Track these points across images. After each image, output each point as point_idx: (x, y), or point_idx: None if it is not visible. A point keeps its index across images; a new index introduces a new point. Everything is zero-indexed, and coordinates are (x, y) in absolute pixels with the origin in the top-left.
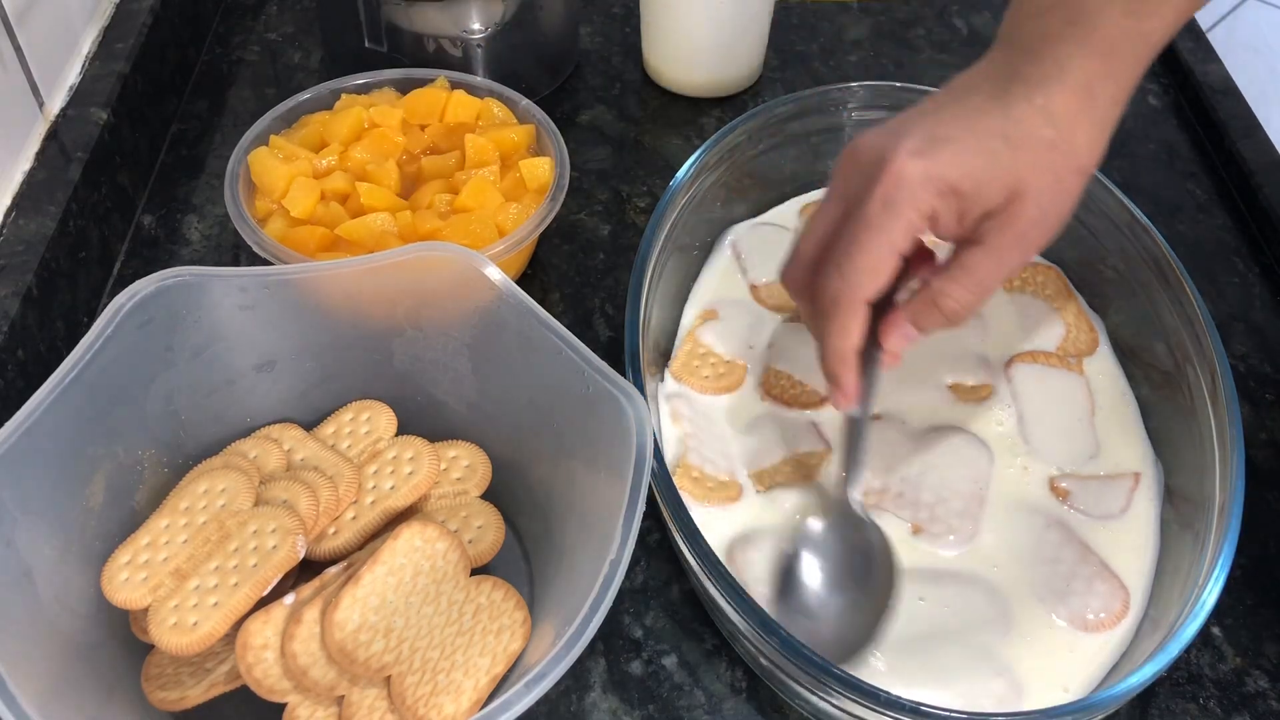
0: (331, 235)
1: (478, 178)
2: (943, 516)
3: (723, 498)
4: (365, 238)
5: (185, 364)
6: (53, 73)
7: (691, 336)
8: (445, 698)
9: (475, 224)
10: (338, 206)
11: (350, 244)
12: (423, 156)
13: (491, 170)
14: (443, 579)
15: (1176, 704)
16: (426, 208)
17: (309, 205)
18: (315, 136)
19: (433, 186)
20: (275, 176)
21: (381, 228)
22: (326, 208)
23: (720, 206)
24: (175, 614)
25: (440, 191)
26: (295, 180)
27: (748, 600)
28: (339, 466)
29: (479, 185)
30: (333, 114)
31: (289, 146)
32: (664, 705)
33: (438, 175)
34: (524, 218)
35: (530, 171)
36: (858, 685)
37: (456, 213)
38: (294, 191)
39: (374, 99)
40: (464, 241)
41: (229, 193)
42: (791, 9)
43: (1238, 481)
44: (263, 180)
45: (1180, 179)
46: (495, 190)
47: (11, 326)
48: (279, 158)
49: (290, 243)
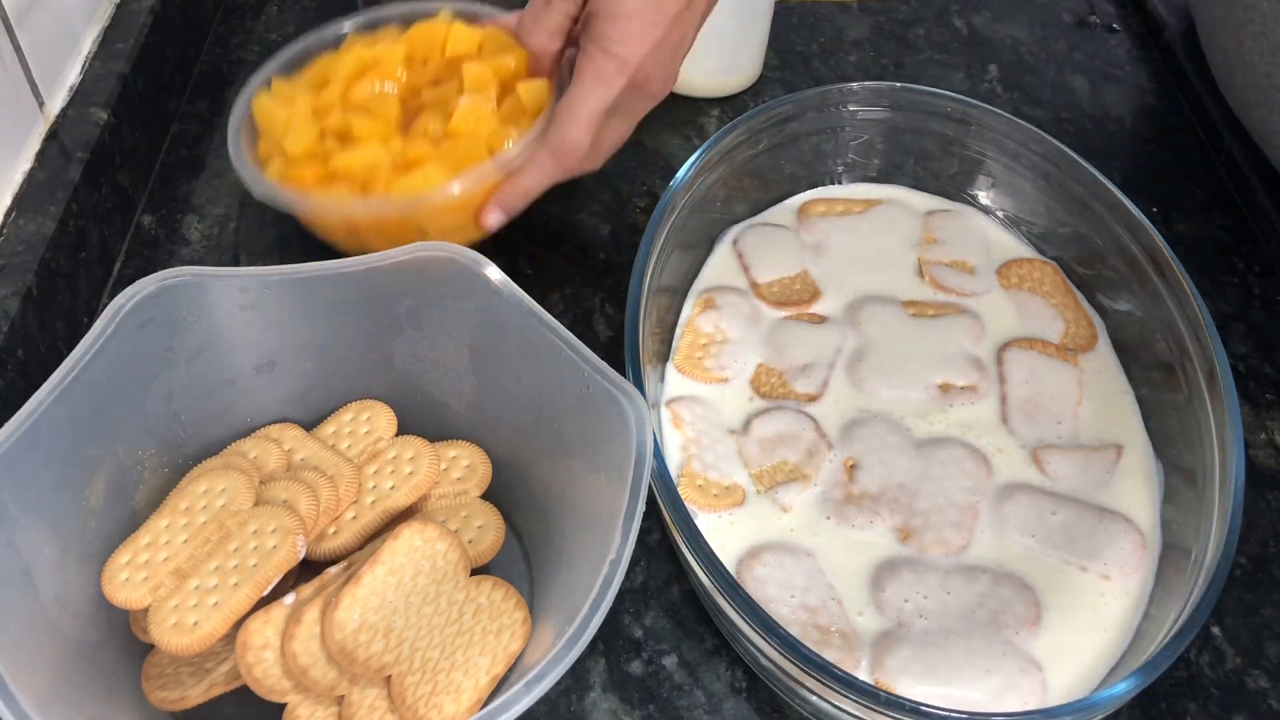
0: (327, 170)
1: (471, 102)
2: (936, 525)
3: (728, 503)
4: (357, 168)
5: (185, 364)
6: (53, 73)
7: (692, 328)
8: (445, 698)
9: (463, 148)
10: (335, 144)
11: (345, 177)
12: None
13: (486, 95)
14: (443, 579)
15: (1176, 704)
16: (421, 135)
17: (307, 143)
18: (318, 77)
19: (429, 115)
20: (275, 118)
21: (372, 158)
22: (324, 145)
23: (720, 206)
24: (175, 614)
25: (436, 120)
26: (294, 119)
27: (749, 602)
28: (339, 466)
29: (471, 110)
30: (335, 53)
31: (289, 88)
32: (664, 705)
33: (436, 105)
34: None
35: (529, 94)
36: (858, 685)
37: (449, 138)
38: (292, 130)
39: (378, 37)
40: (452, 164)
41: (231, 137)
42: (791, 9)
43: (1238, 481)
44: (264, 123)
45: (1180, 179)
46: (490, 116)
47: (11, 326)
48: (279, 99)
49: (288, 181)
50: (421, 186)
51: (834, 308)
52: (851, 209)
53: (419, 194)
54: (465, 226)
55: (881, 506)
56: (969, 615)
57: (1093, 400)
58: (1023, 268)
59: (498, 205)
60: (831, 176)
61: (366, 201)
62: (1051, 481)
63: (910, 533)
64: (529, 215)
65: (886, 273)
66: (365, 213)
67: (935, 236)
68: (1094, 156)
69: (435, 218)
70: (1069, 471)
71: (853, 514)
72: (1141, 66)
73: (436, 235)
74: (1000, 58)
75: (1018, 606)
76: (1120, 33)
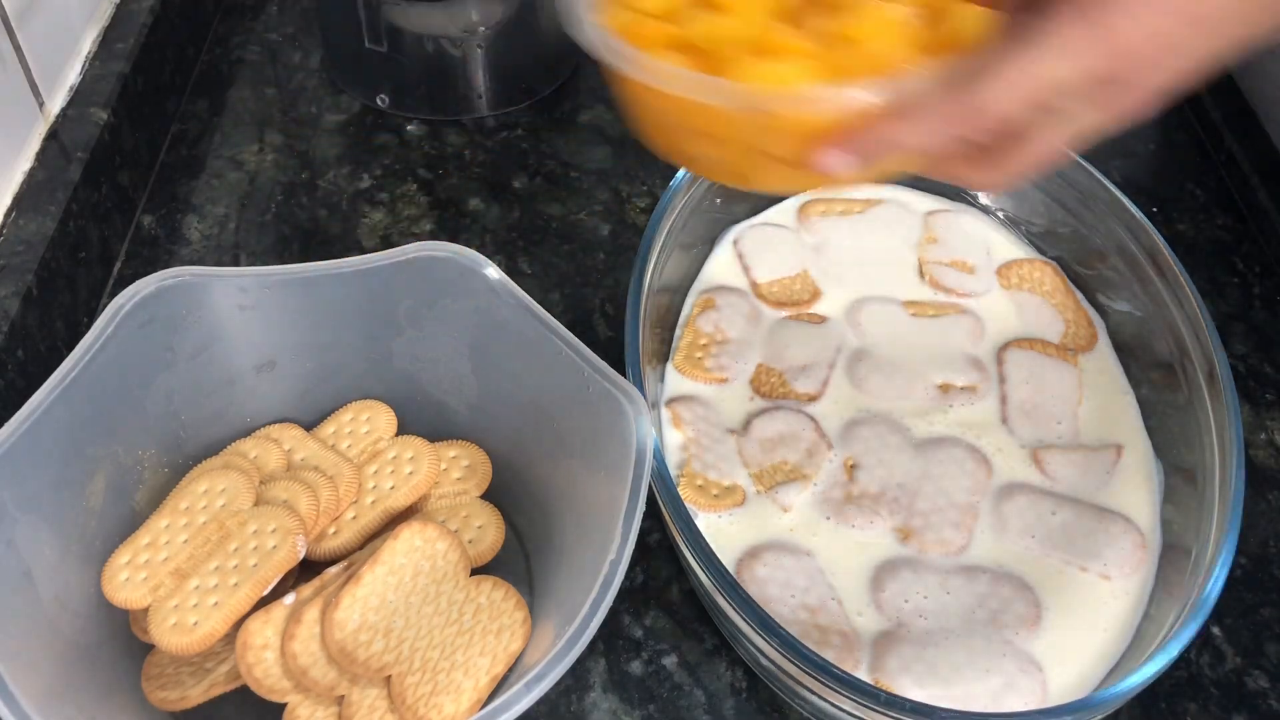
0: (680, 35)
1: (885, 8)
2: (936, 525)
3: (728, 503)
4: (717, 38)
5: (185, 364)
6: (53, 73)
7: (692, 328)
8: (445, 697)
9: (852, 58)
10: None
11: (703, 53)
12: None
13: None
14: (443, 579)
15: (1176, 704)
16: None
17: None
18: None
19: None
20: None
21: (741, 32)
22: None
23: (720, 206)
24: (175, 614)
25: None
26: None
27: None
28: (339, 466)
29: (881, 17)
30: None
31: None
32: (664, 705)
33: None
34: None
35: (966, 22)
36: (858, 685)
37: (839, 43)
38: None
39: None
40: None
41: None
42: None
43: (1238, 481)
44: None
45: (1180, 179)
46: (904, 33)
47: (11, 326)
48: None
49: (631, 37)
50: (775, 82)
51: (834, 308)
52: (851, 209)
53: (769, 91)
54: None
55: (881, 506)
56: (969, 615)
57: (1092, 400)
58: (1023, 268)
59: (850, 145)
60: None
61: (703, 80)
62: (1051, 481)
63: (910, 533)
64: (529, 215)
65: (886, 273)
66: (697, 93)
67: (935, 236)
68: (1093, 156)
69: (776, 133)
70: (1069, 471)
71: (853, 514)
72: None
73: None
74: None
75: (1018, 606)
76: None
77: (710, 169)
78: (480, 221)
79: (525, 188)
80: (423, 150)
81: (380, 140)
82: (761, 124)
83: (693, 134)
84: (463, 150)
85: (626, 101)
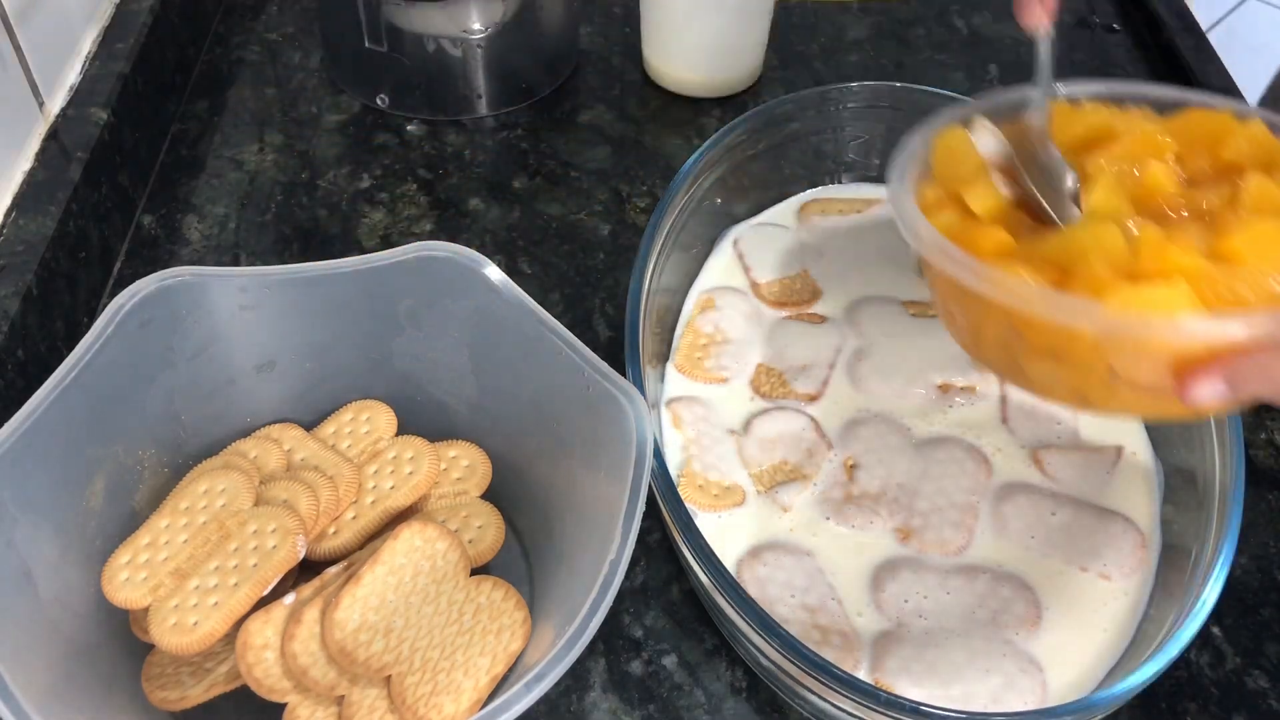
0: (1011, 244)
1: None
2: (936, 525)
3: (728, 503)
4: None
5: (185, 364)
6: (53, 73)
7: (692, 328)
8: (445, 698)
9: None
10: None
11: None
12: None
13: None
14: (443, 579)
15: (1176, 704)
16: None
17: (995, 201)
18: (1017, 133)
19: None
20: (965, 162)
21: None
22: (1015, 212)
23: (720, 206)
24: (175, 614)
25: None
26: (985, 169)
27: (749, 601)
28: (339, 466)
29: (1265, 234)
30: (1069, 111)
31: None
32: (664, 705)
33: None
34: None
35: None
36: (858, 685)
37: (1217, 261)
38: (980, 183)
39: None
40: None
41: (899, 169)
42: (791, 9)
43: (1238, 481)
44: (945, 163)
45: None
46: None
47: (11, 326)
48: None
49: (960, 239)
50: (1153, 309)
51: (834, 308)
52: (851, 209)
53: (1146, 318)
54: (1161, 389)
55: (881, 506)
56: (969, 615)
57: None
58: None
59: (1226, 375)
60: (831, 176)
61: (1070, 302)
62: (1051, 481)
63: (910, 533)
64: (529, 215)
65: (886, 272)
66: (1062, 315)
67: None
68: None
69: (1138, 358)
70: (1069, 471)
71: (852, 514)
72: (1141, 66)
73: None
74: (1000, 58)
75: (1018, 606)
76: (1120, 33)
77: (1045, 387)
78: (480, 221)
79: (525, 188)
80: (422, 150)
81: (380, 140)
82: (1124, 348)
83: (1031, 350)
84: (462, 150)
85: (948, 306)
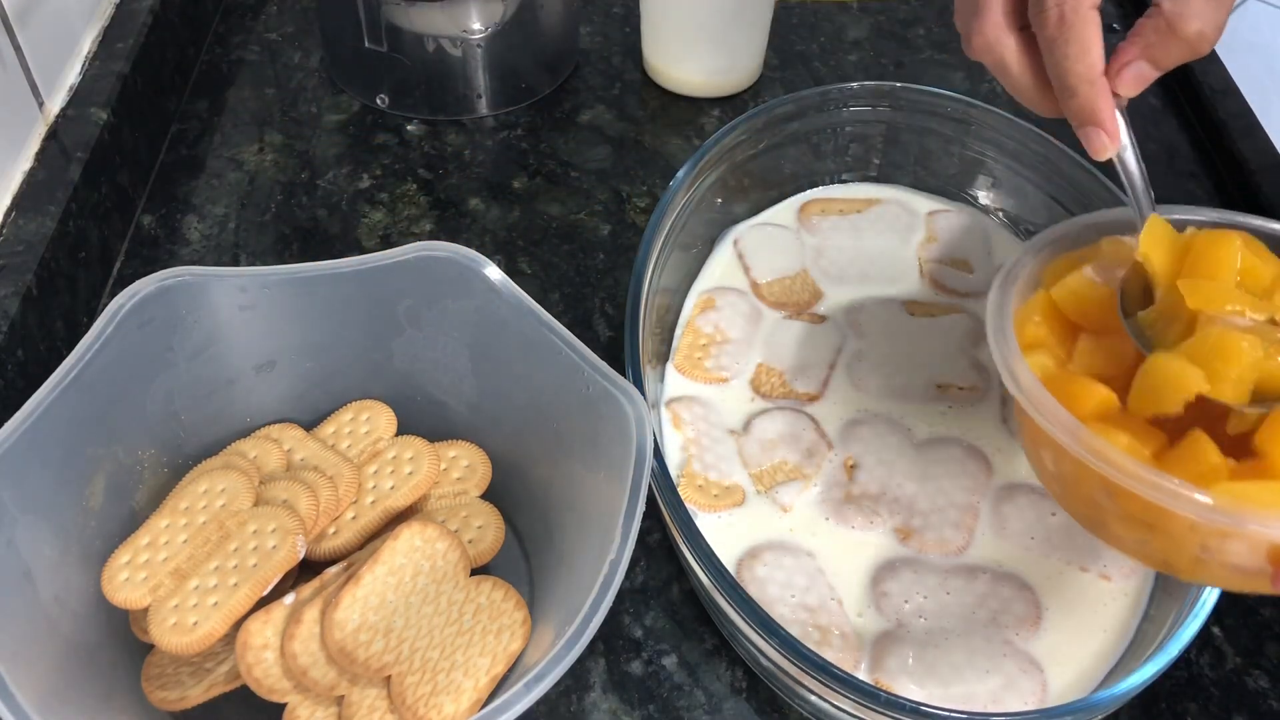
0: (1114, 403)
1: None
2: (936, 525)
3: (728, 503)
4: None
5: (185, 364)
6: (53, 73)
7: (691, 328)
8: (445, 698)
9: None
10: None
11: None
12: None
13: None
14: (443, 579)
15: (1176, 704)
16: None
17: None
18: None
19: None
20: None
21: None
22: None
23: (720, 206)
24: (175, 614)
25: None
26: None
27: (749, 601)
28: (339, 466)
29: None
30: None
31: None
32: (664, 705)
33: None
34: None
35: None
36: (858, 685)
37: None
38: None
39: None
40: None
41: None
42: (791, 9)
43: None
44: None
45: (1180, 179)
46: None
47: (11, 326)
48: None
49: (1055, 388)
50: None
51: (834, 308)
52: (851, 209)
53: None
54: (1255, 571)
55: (881, 506)
56: (969, 615)
57: None
58: None
59: None
60: (831, 176)
61: (1171, 487)
62: None
63: (910, 533)
64: (529, 215)
65: (886, 273)
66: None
67: (935, 236)
68: None
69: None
70: None
71: (852, 514)
72: None
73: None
74: None
75: (1018, 607)
76: (1120, 33)
77: (1130, 548)
78: (480, 221)
79: (525, 188)
80: (422, 150)
81: (380, 140)
82: (1224, 534)
83: (1122, 515)
84: (462, 150)
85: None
